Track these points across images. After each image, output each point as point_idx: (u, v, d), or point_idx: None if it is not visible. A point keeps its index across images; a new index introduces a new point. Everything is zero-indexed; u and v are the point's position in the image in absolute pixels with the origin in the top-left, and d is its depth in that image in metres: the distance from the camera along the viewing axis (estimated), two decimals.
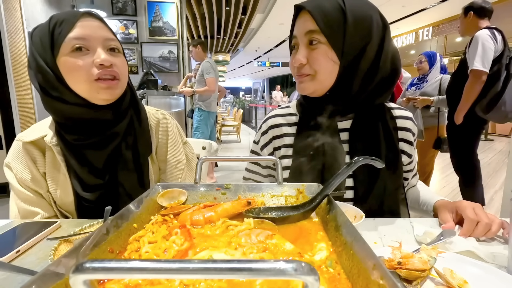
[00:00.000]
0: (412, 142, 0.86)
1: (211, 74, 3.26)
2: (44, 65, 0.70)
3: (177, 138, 0.94)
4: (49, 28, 0.70)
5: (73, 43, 0.69)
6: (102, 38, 0.73)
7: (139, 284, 0.34)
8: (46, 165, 0.78)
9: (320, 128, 0.79)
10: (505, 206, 2.00)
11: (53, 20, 0.71)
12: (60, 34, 0.69)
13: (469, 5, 2.27)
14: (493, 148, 5.56)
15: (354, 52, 0.72)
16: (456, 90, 2.28)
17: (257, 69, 21.17)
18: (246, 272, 0.19)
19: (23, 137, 0.77)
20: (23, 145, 0.77)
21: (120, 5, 4.31)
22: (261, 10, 8.28)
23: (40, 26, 0.73)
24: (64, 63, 0.70)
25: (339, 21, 0.71)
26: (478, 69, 2.03)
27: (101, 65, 0.71)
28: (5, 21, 3.04)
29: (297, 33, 0.77)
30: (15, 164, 0.77)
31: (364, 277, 0.31)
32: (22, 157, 0.77)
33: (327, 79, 0.75)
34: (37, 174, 0.78)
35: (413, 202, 0.89)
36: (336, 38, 0.71)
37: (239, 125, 7.32)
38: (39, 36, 0.71)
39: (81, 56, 0.70)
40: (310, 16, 0.72)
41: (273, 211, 0.55)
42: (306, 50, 0.75)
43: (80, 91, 0.72)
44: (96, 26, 0.73)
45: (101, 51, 0.71)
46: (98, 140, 0.77)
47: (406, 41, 10.50)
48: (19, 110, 3.21)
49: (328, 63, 0.73)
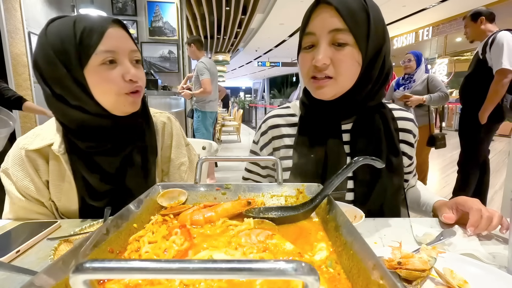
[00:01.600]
0: (412, 143, 0.85)
1: (205, 75, 3.21)
2: (67, 74, 0.66)
3: (181, 140, 0.94)
4: (76, 35, 0.66)
5: (105, 56, 0.68)
6: (128, 50, 0.72)
7: (139, 284, 0.34)
8: (50, 173, 0.75)
9: (322, 129, 0.79)
10: (505, 206, 2.00)
11: (79, 26, 0.66)
12: (90, 45, 0.66)
13: (477, 12, 2.33)
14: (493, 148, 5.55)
15: (372, 55, 0.71)
16: (472, 91, 2.34)
17: (257, 69, 21.17)
18: (246, 272, 0.19)
19: (26, 144, 0.73)
20: (25, 152, 0.73)
21: (120, 5, 4.31)
22: (261, 10, 8.28)
23: (59, 27, 0.67)
24: (93, 75, 0.68)
25: (364, 21, 0.68)
26: (506, 68, 2.06)
27: (131, 80, 0.71)
28: (5, 21, 3.04)
29: (318, 30, 0.70)
30: (15, 172, 0.73)
31: (364, 277, 0.31)
32: (23, 164, 0.73)
33: (348, 83, 0.72)
34: (39, 182, 0.75)
35: (413, 203, 0.89)
36: (362, 39, 0.68)
37: (239, 125, 7.32)
38: (60, 40, 0.66)
39: (111, 69, 0.69)
40: (336, 13, 0.67)
41: (273, 211, 0.55)
42: (330, 49, 0.69)
43: (105, 103, 0.71)
44: (123, 36, 0.72)
45: (130, 66, 0.71)
46: (111, 147, 0.76)
47: (406, 41, 10.50)
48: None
49: (353, 66, 0.70)
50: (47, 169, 0.75)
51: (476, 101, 2.28)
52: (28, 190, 0.74)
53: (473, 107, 2.31)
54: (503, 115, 2.27)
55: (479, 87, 2.25)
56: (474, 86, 2.33)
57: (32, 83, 3.44)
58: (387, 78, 0.77)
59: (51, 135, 0.74)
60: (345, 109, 0.77)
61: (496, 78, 2.14)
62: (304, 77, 0.77)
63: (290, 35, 11.13)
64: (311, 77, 0.74)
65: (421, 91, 2.74)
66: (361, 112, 0.78)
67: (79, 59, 0.66)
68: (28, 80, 3.40)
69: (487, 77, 2.19)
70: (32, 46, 3.47)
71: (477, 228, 0.61)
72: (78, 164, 0.74)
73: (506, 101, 2.20)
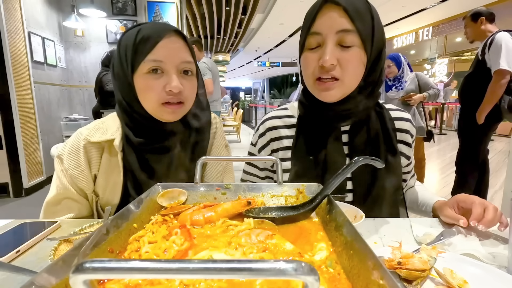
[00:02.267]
0: (410, 144, 0.85)
1: (207, 75, 3.23)
2: (124, 76, 0.74)
3: (221, 141, 0.97)
4: (135, 41, 0.71)
5: (151, 65, 0.72)
6: (178, 61, 0.74)
7: (139, 284, 0.34)
8: (101, 166, 0.79)
9: (321, 130, 0.79)
10: (505, 206, 2.00)
11: (140, 35, 0.72)
12: (142, 53, 0.71)
13: (477, 12, 2.34)
14: (493, 148, 5.55)
15: (376, 56, 0.71)
16: (471, 91, 2.36)
17: (257, 69, 21.16)
18: (246, 272, 0.19)
19: (88, 136, 0.77)
20: (85, 144, 0.77)
21: (120, 5, 4.31)
22: (261, 10, 8.28)
23: (128, 34, 0.74)
24: (140, 81, 0.73)
25: (369, 22, 0.68)
26: (505, 69, 2.08)
27: (171, 91, 0.73)
28: (5, 21, 3.04)
29: (324, 30, 0.68)
30: (69, 159, 0.77)
31: (364, 277, 0.31)
32: (79, 154, 0.77)
33: (354, 84, 0.72)
34: (88, 174, 0.78)
35: (412, 203, 0.89)
36: (368, 40, 0.68)
37: (239, 125, 7.32)
38: (125, 46, 0.73)
39: (155, 78, 0.73)
40: (344, 13, 0.66)
41: (273, 211, 0.55)
42: (337, 50, 0.68)
43: (147, 108, 0.76)
44: (176, 47, 0.75)
45: (174, 77, 0.73)
46: (159, 146, 0.80)
47: (406, 41, 10.50)
48: (19, 110, 3.21)
49: (359, 67, 0.70)
50: (99, 162, 0.79)
51: (475, 101, 2.30)
52: (77, 179, 0.77)
53: (471, 107, 2.33)
54: (500, 116, 2.29)
55: (478, 88, 2.27)
56: (473, 87, 2.35)
57: (32, 83, 3.44)
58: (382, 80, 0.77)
59: (112, 131, 0.79)
60: (346, 111, 0.76)
61: (494, 78, 2.16)
62: (308, 78, 0.75)
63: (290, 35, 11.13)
64: (316, 78, 0.72)
65: (414, 89, 2.83)
66: (360, 113, 0.78)
67: (132, 65, 0.73)
68: (28, 80, 3.40)
69: (486, 78, 2.21)
70: (32, 46, 3.47)
71: (482, 221, 0.61)
72: (131, 160, 0.78)
73: (504, 101, 2.22)
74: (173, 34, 0.74)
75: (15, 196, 3.25)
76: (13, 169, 3.21)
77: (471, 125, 2.36)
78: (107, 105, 3.43)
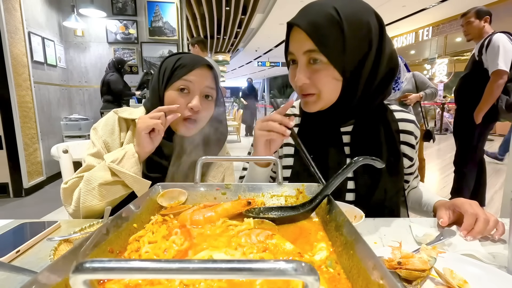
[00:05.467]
0: (414, 145, 0.85)
1: None
2: (157, 88, 0.89)
3: (225, 147, 1.04)
4: (173, 66, 0.88)
5: (182, 83, 0.87)
6: (203, 86, 0.89)
7: (139, 284, 0.34)
8: (126, 140, 0.92)
9: (322, 131, 0.80)
10: (505, 206, 2.00)
11: (179, 61, 0.88)
12: (177, 75, 0.87)
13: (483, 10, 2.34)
14: (493, 148, 5.54)
15: (354, 66, 0.70)
16: (467, 91, 2.37)
17: (257, 69, 21.16)
18: (246, 272, 0.19)
19: (119, 112, 0.92)
20: (118, 118, 0.91)
21: (120, 5, 4.31)
22: (261, 10, 8.27)
23: (170, 59, 0.90)
24: (169, 96, 0.88)
25: (337, 38, 0.67)
26: (503, 69, 2.10)
27: (191, 109, 0.86)
28: (5, 21, 3.03)
29: (294, 51, 0.73)
30: (103, 128, 0.90)
31: (364, 277, 0.31)
32: (113, 125, 0.91)
33: (331, 96, 0.74)
34: (117, 139, 0.90)
35: (415, 204, 0.89)
36: (336, 56, 0.68)
37: (239, 125, 7.32)
38: (165, 67, 0.89)
39: (181, 96, 0.87)
40: (306, 35, 0.68)
41: (273, 211, 0.55)
42: (307, 69, 0.72)
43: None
44: (205, 75, 0.89)
45: (196, 97, 0.87)
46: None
47: (406, 41, 10.50)
48: (19, 110, 3.21)
49: (331, 82, 0.71)
50: (125, 135, 0.93)
51: (471, 102, 2.31)
52: (108, 145, 0.89)
53: (468, 107, 2.35)
54: (497, 115, 2.31)
55: (475, 88, 2.28)
56: (469, 87, 2.36)
57: (32, 83, 3.44)
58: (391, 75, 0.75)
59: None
60: (341, 115, 0.78)
61: (492, 78, 2.17)
62: (295, 89, 0.79)
63: None
64: (299, 92, 0.77)
65: (411, 89, 2.87)
66: (361, 114, 0.79)
67: (167, 82, 0.88)
68: (28, 80, 3.40)
69: (482, 78, 2.22)
70: (32, 46, 3.47)
71: (471, 232, 0.61)
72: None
73: (501, 101, 2.24)
74: (205, 67, 0.90)
75: (15, 196, 3.25)
76: (13, 169, 3.21)
77: (468, 125, 2.37)
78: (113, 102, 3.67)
